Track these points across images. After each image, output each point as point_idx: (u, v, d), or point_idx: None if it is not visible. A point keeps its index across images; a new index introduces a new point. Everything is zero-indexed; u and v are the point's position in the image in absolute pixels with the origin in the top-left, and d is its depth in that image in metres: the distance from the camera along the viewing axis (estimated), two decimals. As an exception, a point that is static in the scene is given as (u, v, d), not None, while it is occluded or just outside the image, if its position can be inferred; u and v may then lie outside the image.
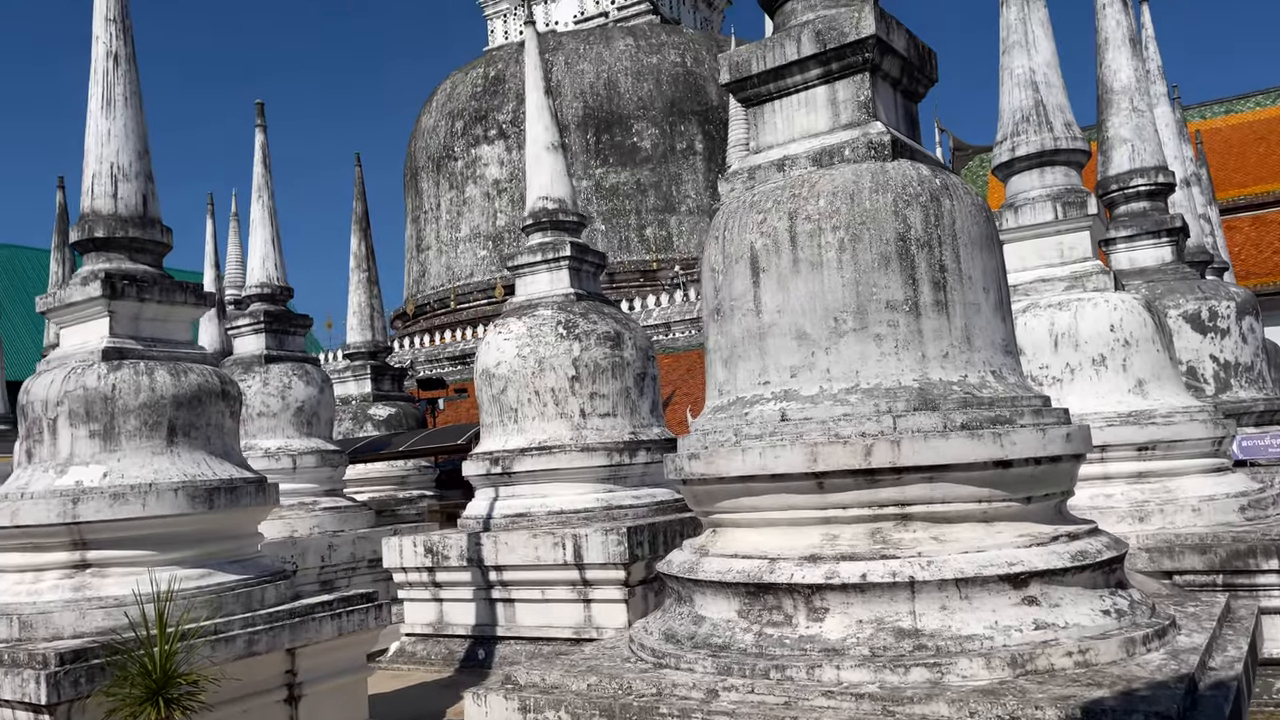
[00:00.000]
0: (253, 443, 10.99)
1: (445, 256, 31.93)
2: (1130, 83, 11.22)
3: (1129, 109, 11.08)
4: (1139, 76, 11.33)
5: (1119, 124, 11.00)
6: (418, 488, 16.63)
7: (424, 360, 27.45)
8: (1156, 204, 10.73)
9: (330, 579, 10.60)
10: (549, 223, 9.95)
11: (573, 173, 30.66)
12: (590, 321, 9.39)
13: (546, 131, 10.22)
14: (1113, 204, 11.00)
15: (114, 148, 5.88)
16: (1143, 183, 10.69)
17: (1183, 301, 9.87)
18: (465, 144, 31.93)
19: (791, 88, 3.94)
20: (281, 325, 11.65)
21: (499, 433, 9.31)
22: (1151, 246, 10.58)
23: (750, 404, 3.61)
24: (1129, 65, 11.17)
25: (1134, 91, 11.15)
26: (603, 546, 7.95)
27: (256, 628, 5.36)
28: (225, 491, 5.55)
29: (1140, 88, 11.30)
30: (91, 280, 5.63)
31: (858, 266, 3.47)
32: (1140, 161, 10.74)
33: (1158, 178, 10.70)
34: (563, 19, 34.35)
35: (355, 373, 17.39)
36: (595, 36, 31.63)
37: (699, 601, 3.51)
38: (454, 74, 33.88)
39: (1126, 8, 11.72)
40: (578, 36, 31.78)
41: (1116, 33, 11.28)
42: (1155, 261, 10.48)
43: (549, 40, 32.09)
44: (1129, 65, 11.17)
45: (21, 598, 5.02)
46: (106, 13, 6.00)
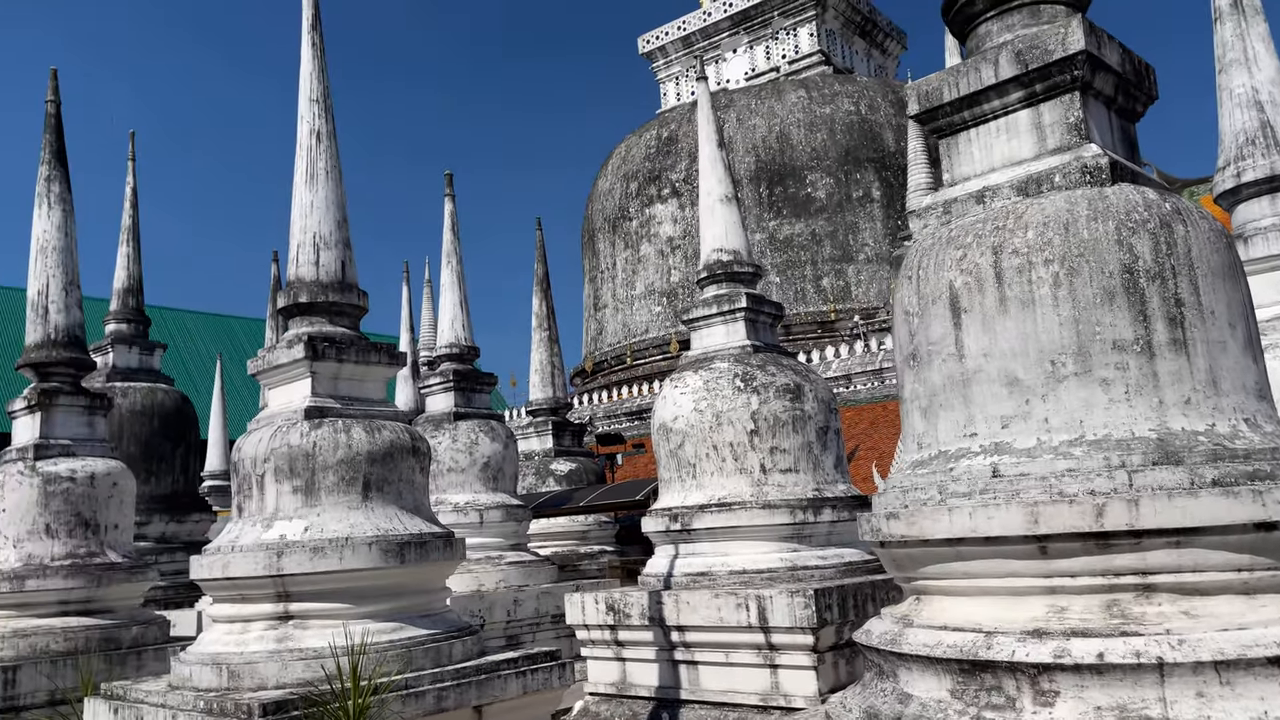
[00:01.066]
0: (442, 497, 11.35)
1: (621, 314, 32.52)
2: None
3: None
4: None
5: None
6: (598, 543, 16.73)
7: (602, 416, 27.87)
8: None
9: (515, 634, 10.71)
10: (724, 275, 9.85)
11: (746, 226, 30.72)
12: (768, 374, 9.16)
13: (720, 184, 10.17)
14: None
15: (316, 218, 6.24)
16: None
17: None
18: (639, 204, 32.61)
19: (989, 114, 3.65)
20: (469, 383, 12.06)
21: (677, 488, 9.17)
22: None
23: (955, 458, 3.29)
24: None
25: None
26: (788, 609, 7.60)
27: (445, 683, 5.38)
28: (415, 546, 5.65)
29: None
30: (295, 343, 5.95)
31: (1076, 303, 3.12)
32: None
33: None
34: (733, 77, 34.75)
35: (538, 429, 17.80)
36: (766, 91, 31.76)
37: (903, 677, 3.19)
38: (628, 137, 34.84)
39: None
40: (749, 93, 32.02)
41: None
42: None
43: (720, 98, 32.48)
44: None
45: (231, 647, 5.26)
46: (310, 94, 6.43)
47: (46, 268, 8.55)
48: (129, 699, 5.43)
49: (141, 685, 5.66)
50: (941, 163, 3.85)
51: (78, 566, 7.95)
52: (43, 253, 8.58)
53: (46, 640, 7.67)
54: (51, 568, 7.84)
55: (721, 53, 34.98)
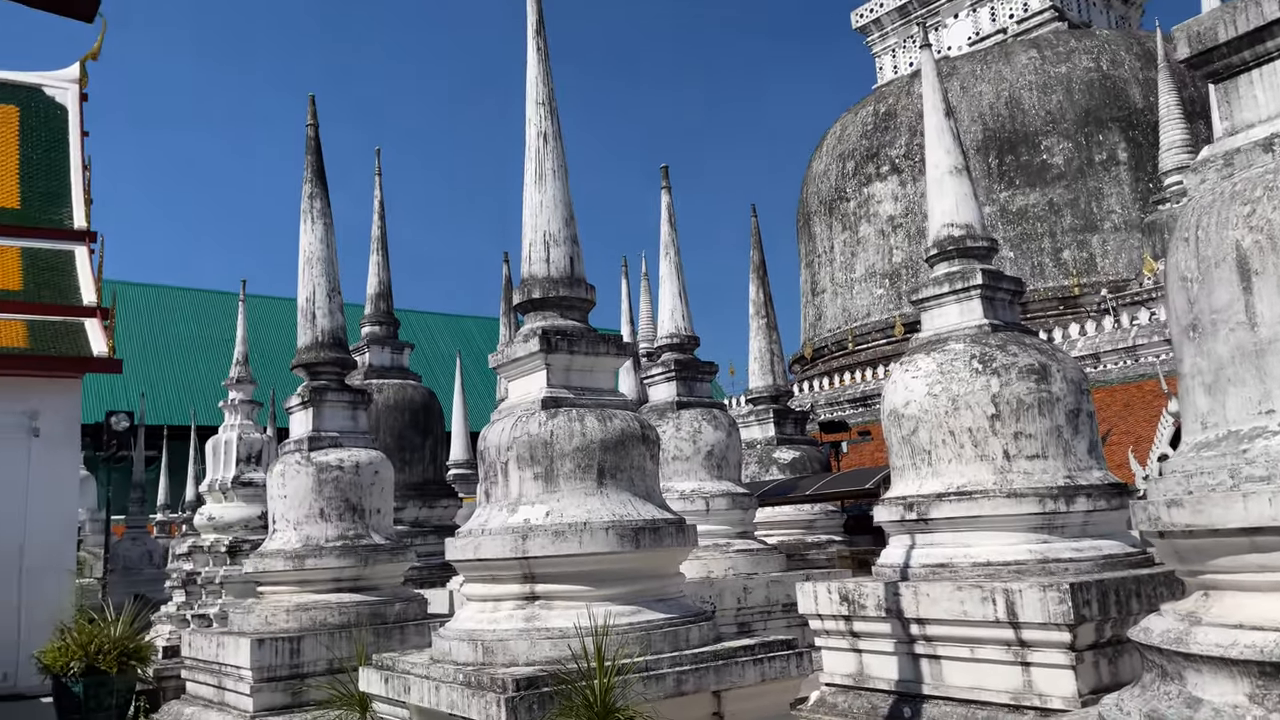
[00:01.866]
0: (669, 484, 11.53)
1: (840, 298, 31.81)
2: None
3: None
4: None
5: None
6: (825, 532, 16.47)
7: (824, 403, 27.39)
8: None
9: (746, 621, 10.73)
10: (955, 250, 9.35)
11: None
12: (1009, 354, 8.62)
13: (948, 155, 9.66)
14: None
15: (545, 217, 6.48)
16: None
17: None
18: (857, 183, 31.75)
19: (1275, 51, 3.21)
20: (690, 373, 12.18)
21: (911, 476, 8.81)
22: None
23: (1249, 438, 2.92)
24: None
25: None
26: (1041, 604, 7.12)
27: (683, 667, 5.45)
28: (649, 531, 5.76)
29: None
30: (531, 337, 6.22)
31: (1401, 258, 2.68)
32: None
33: None
34: (955, 43, 33.06)
35: (758, 417, 17.73)
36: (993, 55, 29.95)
37: (1191, 680, 2.88)
38: (843, 116, 33.98)
39: None
40: (973, 59, 30.32)
41: None
42: None
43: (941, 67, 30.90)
44: None
45: (484, 625, 5.58)
46: (537, 97, 6.68)
47: (312, 277, 9.43)
48: (397, 670, 5.89)
49: (407, 657, 6.13)
50: (1217, 111, 3.43)
51: (348, 547, 8.74)
52: (309, 263, 9.47)
53: (324, 614, 8.48)
54: (325, 548, 8.66)
55: (941, 19, 33.32)
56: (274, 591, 8.83)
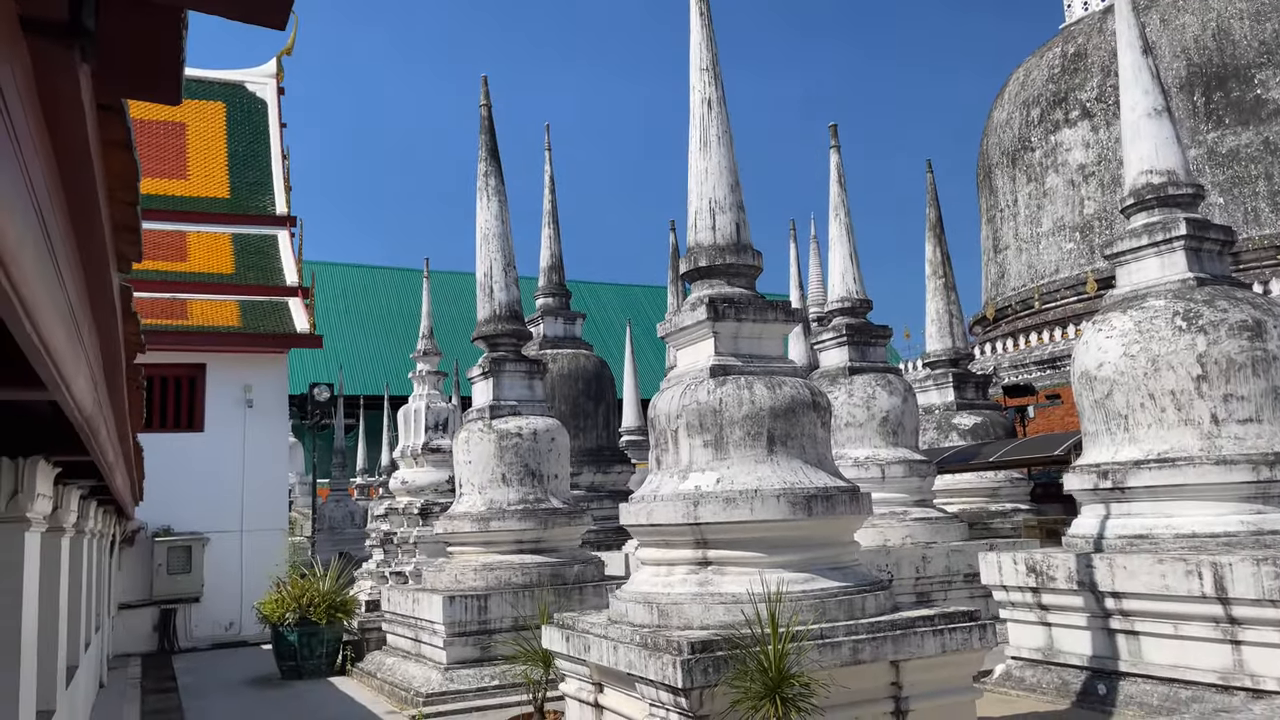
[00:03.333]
0: (841, 452, 11.32)
1: (1025, 254, 30.13)
2: None
3: None
4: None
5: None
6: (1010, 500, 15.78)
7: (1008, 366, 26.11)
8: None
9: (925, 591, 10.44)
10: (1155, 200, 8.65)
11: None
12: (1218, 310, 7.91)
13: (1147, 95, 8.92)
14: None
15: (710, 184, 6.44)
16: None
17: None
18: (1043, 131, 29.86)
19: None
20: (862, 337, 11.87)
21: (1105, 442, 8.27)
22: None
23: None
24: None
25: None
26: (1254, 579, 6.57)
27: (860, 636, 5.37)
28: (822, 499, 5.68)
29: None
30: (698, 305, 6.22)
31: None
32: None
33: None
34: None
35: (936, 381, 17.12)
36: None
37: None
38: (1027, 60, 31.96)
39: None
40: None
41: None
42: None
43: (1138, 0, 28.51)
44: None
45: (658, 588, 5.69)
46: (700, 63, 6.63)
47: (489, 253, 9.79)
48: (577, 629, 6.10)
49: (586, 618, 6.33)
50: None
51: (528, 510, 9.10)
52: (485, 240, 9.84)
53: (508, 574, 8.89)
54: (508, 511, 9.06)
55: (1137, -53, 30.64)
56: (462, 551, 9.32)
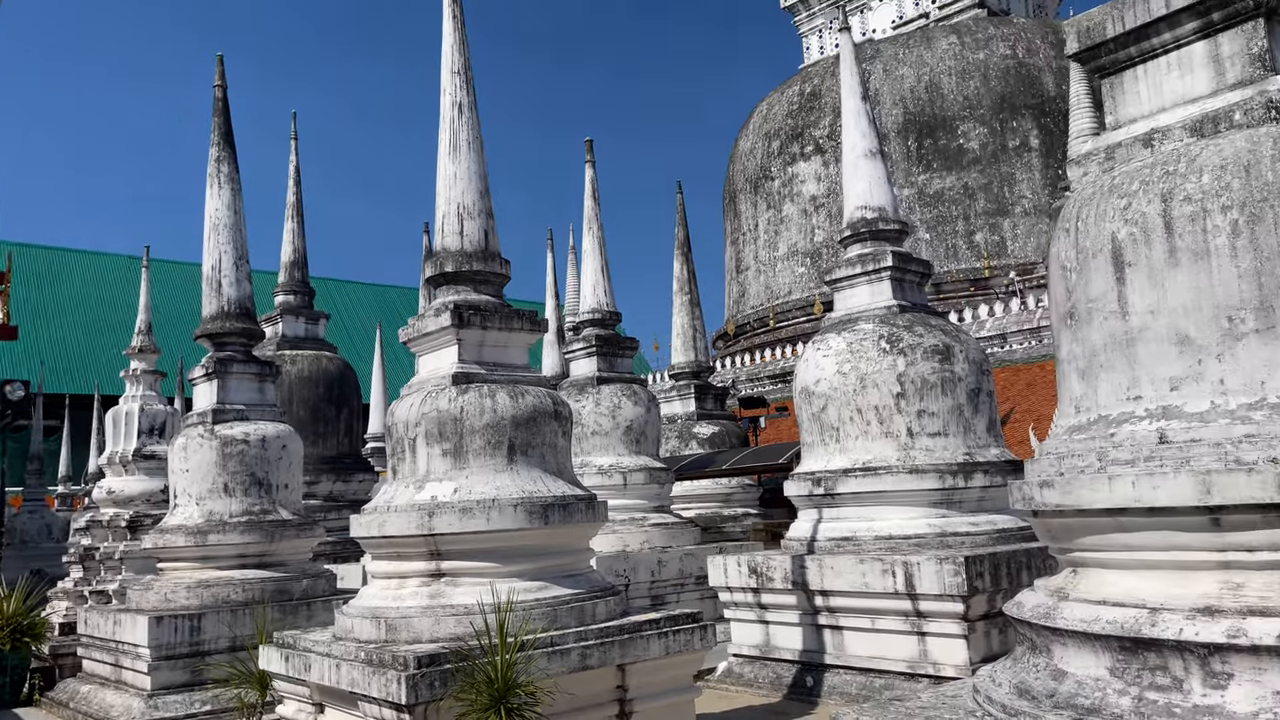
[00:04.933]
0: (587, 460, 11.57)
1: (764, 276, 32.13)
2: None
3: None
4: None
5: None
6: (742, 505, 16.71)
7: (745, 379, 27.72)
8: None
9: (660, 594, 10.86)
10: (868, 233, 9.54)
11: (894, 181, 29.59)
12: (915, 334, 8.84)
13: (864, 138, 9.82)
14: None
15: (459, 189, 6.39)
16: None
17: None
18: (782, 162, 32.01)
19: (1159, 48, 3.34)
20: (611, 348, 12.20)
21: (820, 452, 9.02)
22: None
23: (1117, 423, 3.07)
24: None
25: None
26: (937, 576, 7.38)
27: (589, 642, 5.50)
28: (559, 508, 5.78)
29: None
30: (442, 311, 6.14)
31: (1258, 253, 2.83)
32: None
33: None
34: (880, 26, 33.46)
35: (680, 392, 17.87)
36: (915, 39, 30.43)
37: (1058, 653, 3.02)
38: (770, 95, 34.18)
39: None
40: (896, 42, 30.76)
41: None
42: None
43: (865, 49, 31.34)
44: None
45: (388, 602, 5.54)
46: (452, 66, 6.56)
47: (219, 244, 9.14)
48: (299, 648, 5.81)
49: (309, 635, 6.04)
50: (1104, 105, 3.56)
51: (253, 523, 8.55)
52: (215, 230, 9.17)
53: (227, 591, 8.31)
54: (229, 523, 8.47)
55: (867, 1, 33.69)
56: (175, 568, 8.61)
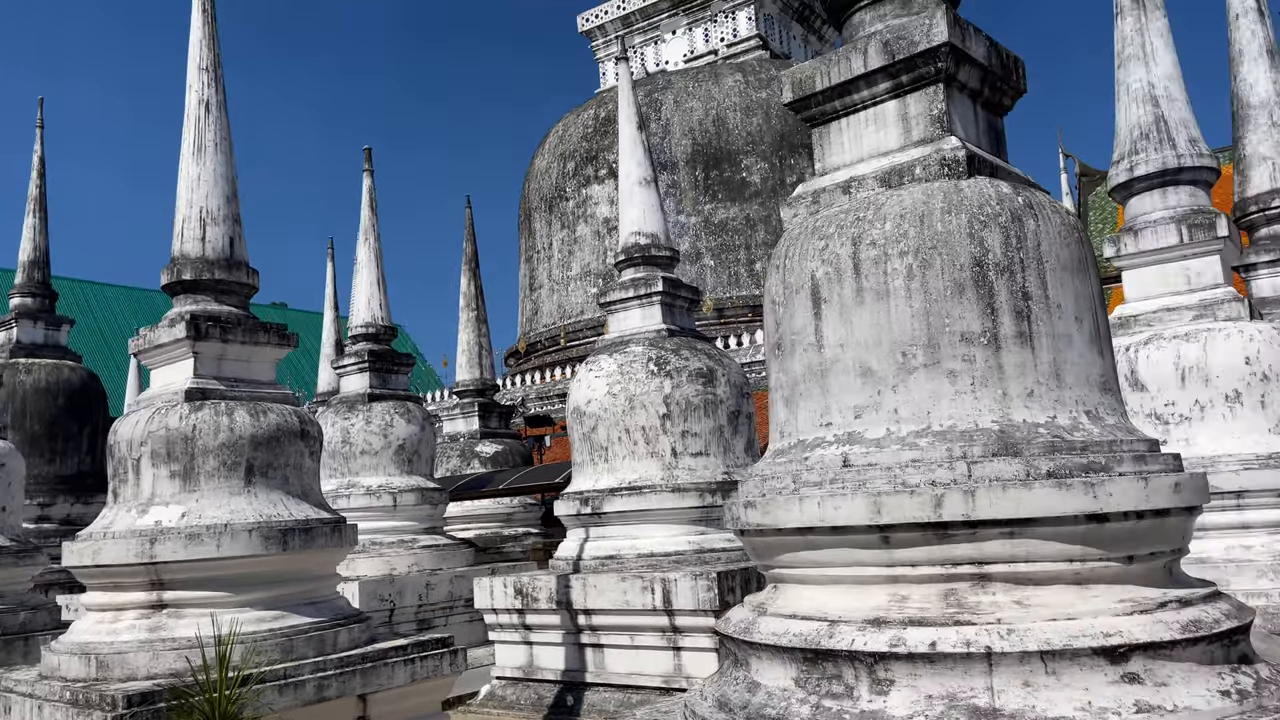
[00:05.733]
0: (355, 480, 11.17)
1: (557, 295, 32.33)
2: (1269, 96, 10.37)
3: (1268, 124, 10.22)
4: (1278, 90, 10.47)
5: (1257, 141, 10.16)
6: (523, 525, 16.65)
7: (535, 397, 27.73)
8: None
9: (428, 618, 10.61)
10: (641, 258, 9.81)
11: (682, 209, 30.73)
12: (682, 358, 9.16)
13: (639, 166, 10.11)
14: (1252, 226, 10.14)
15: (203, 192, 6.02)
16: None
17: (1337, 331, 8.91)
18: (576, 184, 32.40)
19: (859, 104, 3.65)
20: (385, 364, 11.85)
21: (589, 472, 9.14)
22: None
23: (811, 447, 3.30)
24: (1267, 78, 10.33)
25: (1273, 105, 10.29)
26: (692, 592, 7.63)
27: (327, 673, 5.28)
28: (300, 532, 5.53)
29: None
30: (177, 322, 5.75)
31: (928, 295, 3.13)
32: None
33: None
34: (673, 59, 34.61)
35: (464, 410, 17.63)
36: (704, 74, 31.72)
37: (755, 666, 3.20)
38: (566, 116, 34.54)
39: (1263, 17, 10.88)
40: (687, 75, 31.93)
41: (1252, 44, 10.47)
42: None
43: (659, 79, 32.34)
44: (1267, 78, 10.33)
45: (101, 636, 5.09)
46: (200, 62, 6.19)
47: (-73, 239, 8.16)
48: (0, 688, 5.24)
49: (14, 674, 5.46)
50: (815, 153, 3.84)
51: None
52: (-77, 223, 8.19)
53: (-78, 628, 7.38)
54: (-71, 553, 7.54)
55: (661, 33, 34.81)
56: None
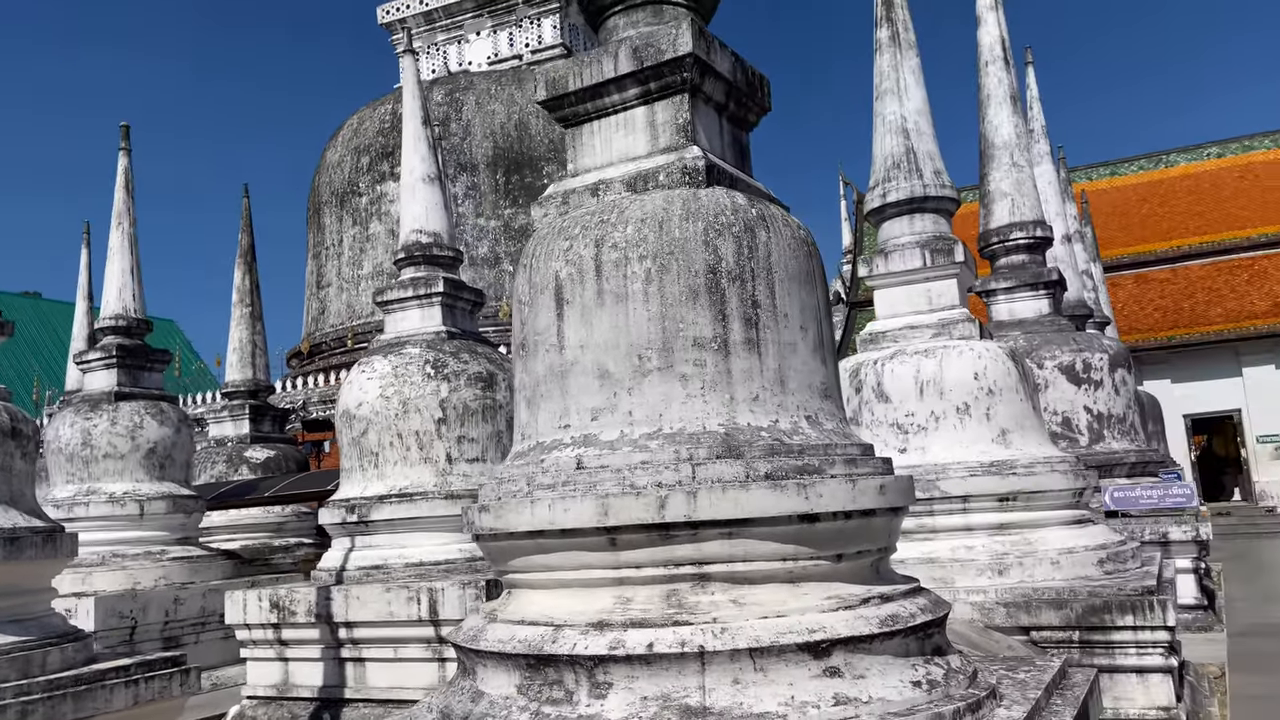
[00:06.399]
0: (97, 486, 10.19)
1: (346, 294, 31.08)
2: (1011, 139, 11.43)
3: (1009, 164, 11.27)
4: (1020, 133, 11.56)
5: (1000, 178, 11.18)
6: (296, 535, 15.81)
7: (317, 401, 26.50)
8: (1035, 257, 10.89)
9: (175, 635, 9.81)
10: (422, 257, 9.54)
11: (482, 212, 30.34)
12: (461, 361, 8.96)
13: (423, 162, 9.84)
14: (994, 256, 11.13)
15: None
16: (1021, 236, 10.85)
17: (1058, 353, 9.94)
18: (370, 180, 31.32)
19: (610, 108, 3.66)
20: (136, 360, 10.90)
21: (358, 478, 8.76)
22: (1030, 298, 10.69)
23: (549, 449, 3.25)
24: (1010, 122, 11.39)
25: (1014, 147, 11.36)
26: (460, 600, 7.44)
27: (33, 696, 4.73)
28: (5, 542, 4.93)
29: (1021, 144, 11.52)
30: None
31: (664, 300, 3.17)
32: (1020, 215, 10.90)
33: (1036, 231, 10.87)
34: (476, 60, 34.18)
35: (233, 413, 16.55)
36: (508, 78, 31.53)
37: (480, 675, 3.11)
38: (362, 109, 33.36)
39: (1008, 66, 11.99)
40: (490, 77, 31.63)
41: (998, 90, 11.52)
42: (1034, 313, 10.58)
43: (461, 79, 31.84)
44: (1010, 122, 11.39)
45: None
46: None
47: None
48: None
49: None
50: (568, 153, 3.82)
51: None
52: None
53: None
54: None
55: (465, 33, 34.29)
56: None
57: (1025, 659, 3.95)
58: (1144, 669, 5.29)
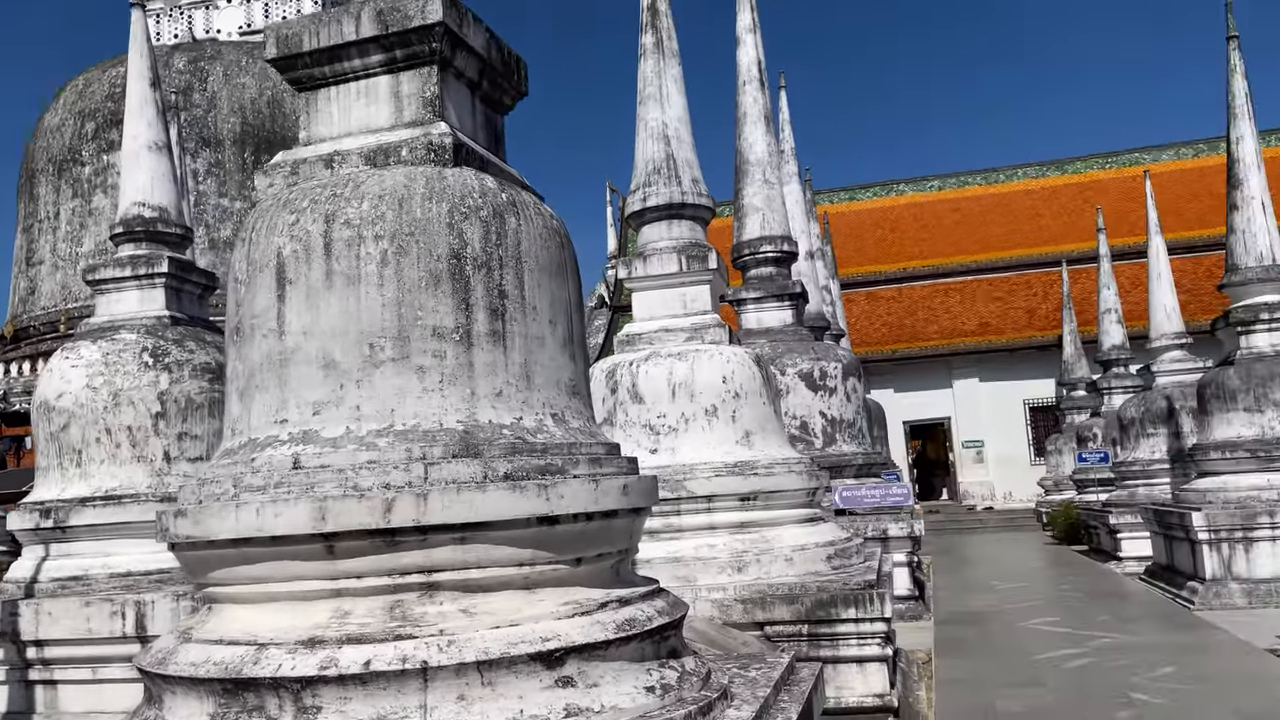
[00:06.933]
0: None
1: (61, 272, 27.87)
2: (764, 156, 11.97)
3: (762, 180, 11.79)
4: (772, 152, 12.13)
5: (753, 194, 11.68)
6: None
7: (21, 391, 23.54)
8: (781, 270, 11.45)
9: None
10: (144, 233, 8.57)
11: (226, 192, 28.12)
12: (186, 350, 8.12)
13: (149, 128, 8.86)
14: (745, 267, 11.61)
15: None
16: (770, 249, 11.37)
17: (799, 361, 10.48)
18: (96, 148, 28.28)
19: (350, 73, 3.35)
20: None
21: (56, 479, 7.73)
22: (776, 309, 11.22)
23: (262, 447, 2.90)
24: (764, 140, 11.92)
25: (767, 165, 11.90)
26: (173, 614, 6.73)
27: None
28: None
29: (773, 162, 12.09)
30: None
31: (402, 284, 2.91)
32: (770, 230, 11.43)
33: (783, 246, 11.43)
34: (226, 28, 31.72)
35: (-95, 402, 14.26)
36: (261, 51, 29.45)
37: (168, 703, 2.71)
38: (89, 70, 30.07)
39: (764, 87, 12.54)
40: (241, 48, 29.45)
41: (754, 109, 12.03)
42: (779, 323, 11.11)
43: (208, 47, 29.45)
44: (764, 140, 11.92)
45: None
46: None
47: None
48: None
49: None
50: (300, 120, 3.46)
51: None
52: None
53: None
54: None
55: None
56: None
57: (758, 655, 4.02)
58: (864, 659, 5.60)
